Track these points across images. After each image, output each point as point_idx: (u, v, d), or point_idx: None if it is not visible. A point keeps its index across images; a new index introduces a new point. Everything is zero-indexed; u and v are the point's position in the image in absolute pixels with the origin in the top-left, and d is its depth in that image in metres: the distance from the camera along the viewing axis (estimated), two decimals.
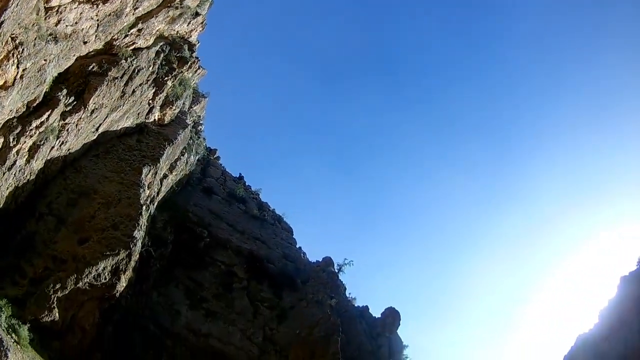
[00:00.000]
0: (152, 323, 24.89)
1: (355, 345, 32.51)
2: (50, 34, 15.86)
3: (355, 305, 37.51)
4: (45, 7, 15.33)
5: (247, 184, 37.97)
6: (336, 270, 38.37)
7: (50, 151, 18.70)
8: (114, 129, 23.67)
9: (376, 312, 38.25)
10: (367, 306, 38.25)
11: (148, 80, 24.63)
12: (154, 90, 25.67)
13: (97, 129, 21.86)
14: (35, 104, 16.79)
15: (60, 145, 19.26)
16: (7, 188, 17.70)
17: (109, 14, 18.83)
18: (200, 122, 33.24)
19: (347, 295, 37.78)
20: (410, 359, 38.18)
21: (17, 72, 14.80)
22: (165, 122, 28.18)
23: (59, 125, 18.55)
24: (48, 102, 17.37)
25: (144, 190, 25.32)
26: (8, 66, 14.33)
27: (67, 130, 19.18)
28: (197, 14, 28.26)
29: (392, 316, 37.54)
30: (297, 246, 38.83)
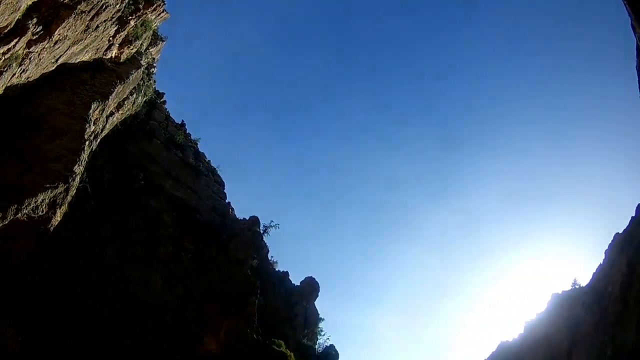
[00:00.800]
0: (82, 259, 25.03)
1: (271, 310, 33.62)
2: None
3: (276, 269, 38.55)
4: None
5: (187, 132, 37.85)
6: (261, 231, 39.15)
7: (10, 78, 18.27)
8: (72, 62, 23.12)
9: (296, 280, 39.58)
10: (287, 272, 39.34)
11: (113, 18, 24.08)
12: (116, 28, 25.13)
13: (57, 60, 21.36)
14: (5, 31, 16.38)
15: (21, 73, 18.82)
16: None
17: None
18: (154, 64, 32.69)
19: (270, 258, 38.73)
20: (324, 333, 39.58)
21: None
22: (121, 61, 27.65)
23: (23, 53, 18.13)
24: (18, 30, 16.92)
25: (90, 125, 25.05)
26: None
27: (30, 59, 18.75)
28: None
29: (311, 286, 38.89)
30: (227, 201, 39.25)
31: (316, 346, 37.17)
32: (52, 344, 21.21)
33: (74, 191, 24.04)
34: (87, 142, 24.61)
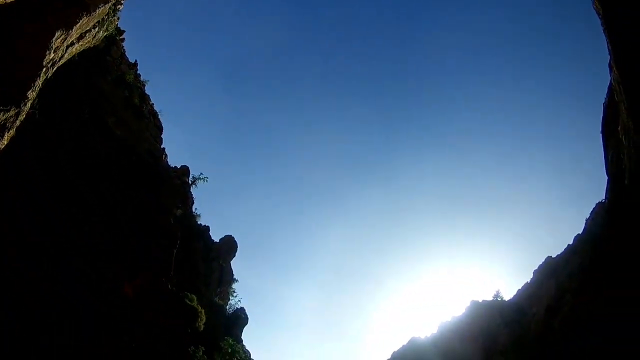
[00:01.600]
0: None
1: (189, 264, 34.60)
2: None
3: (198, 222, 39.33)
4: None
5: (138, 72, 37.68)
6: (190, 182, 39.88)
7: None
8: None
9: (216, 237, 40.24)
10: (208, 227, 39.78)
11: None
12: None
13: None
14: None
15: None
16: None
17: None
18: (122, 1, 32.22)
19: (194, 210, 39.51)
20: (236, 295, 40.67)
21: None
22: None
23: None
24: None
25: (50, 53, 24.98)
26: None
27: None
28: None
29: (229, 245, 39.83)
30: (162, 146, 39.61)
31: (227, 307, 38.20)
32: None
33: (23, 117, 24.07)
34: (44, 69, 24.59)
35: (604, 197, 44.24)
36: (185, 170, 39.49)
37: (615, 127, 37.58)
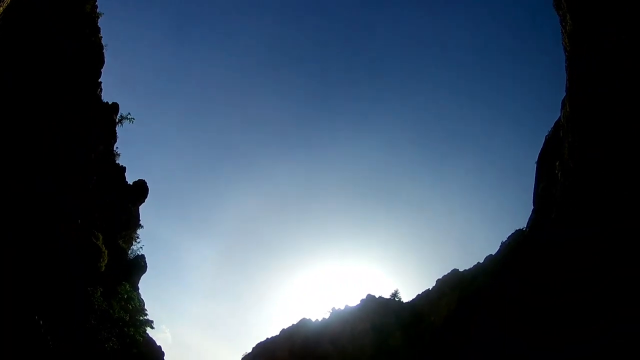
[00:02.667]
0: None
1: (101, 201, 34.10)
2: None
3: (116, 161, 39.64)
4: None
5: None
6: (117, 120, 40.18)
7: None
8: None
9: (129, 179, 40.31)
10: (125, 167, 39.71)
11: None
12: None
13: None
14: None
15: None
16: None
17: None
18: None
19: (115, 148, 40.00)
20: (140, 241, 40.80)
21: None
22: None
23: None
24: None
25: None
26: None
27: None
28: None
29: (141, 189, 39.80)
30: (100, 80, 39.50)
31: (129, 251, 38.72)
32: None
33: None
34: None
35: (525, 226, 47.82)
36: (115, 107, 39.30)
37: (552, 161, 41.04)
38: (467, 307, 41.96)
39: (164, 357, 37.47)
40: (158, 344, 37.18)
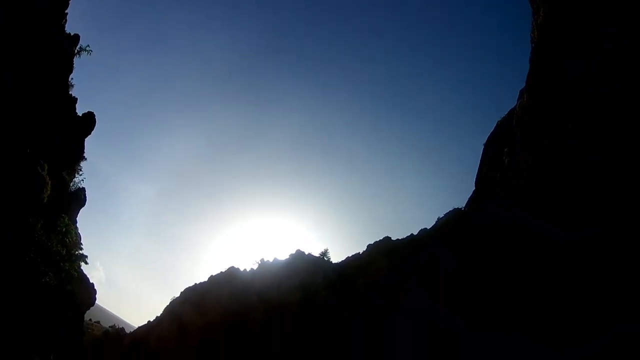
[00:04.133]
0: None
1: (47, 129, 33.17)
2: None
3: (69, 92, 37.44)
4: None
5: None
6: (75, 51, 37.84)
7: None
8: None
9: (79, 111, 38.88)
10: (76, 99, 38.32)
11: None
12: None
13: None
14: None
15: None
16: None
17: None
18: None
19: (69, 79, 37.57)
20: (82, 174, 39.42)
21: None
22: None
23: None
24: None
25: None
26: None
27: None
28: None
29: (89, 121, 38.20)
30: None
31: (71, 184, 37.54)
32: None
33: None
34: None
35: (464, 205, 48.09)
36: (76, 38, 37.60)
37: (501, 146, 41.84)
38: (398, 274, 42.29)
39: (96, 296, 36.09)
40: (91, 282, 35.75)
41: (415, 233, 49.37)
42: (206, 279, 66.64)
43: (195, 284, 68.22)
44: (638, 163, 25.60)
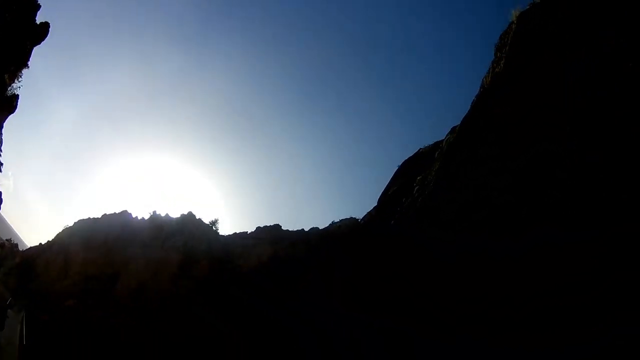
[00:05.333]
0: None
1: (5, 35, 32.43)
2: None
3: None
4: None
5: None
6: None
7: None
8: None
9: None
10: (39, 5, 36.62)
11: None
12: None
13: None
14: None
15: None
16: None
17: None
18: None
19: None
20: (21, 81, 37.64)
21: None
22: None
23: None
24: None
25: None
26: None
27: None
28: None
29: (43, 30, 37.23)
30: None
31: (8, 88, 36.18)
32: None
33: None
34: None
35: (361, 218, 48.38)
36: None
37: (417, 171, 42.08)
38: (298, 265, 42.14)
39: (1, 205, 35.45)
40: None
41: (306, 229, 50.00)
42: (100, 216, 66.91)
43: (89, 218, 68.23)
44: (637, 165, 25.70)
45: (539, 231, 30.67)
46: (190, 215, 59.36)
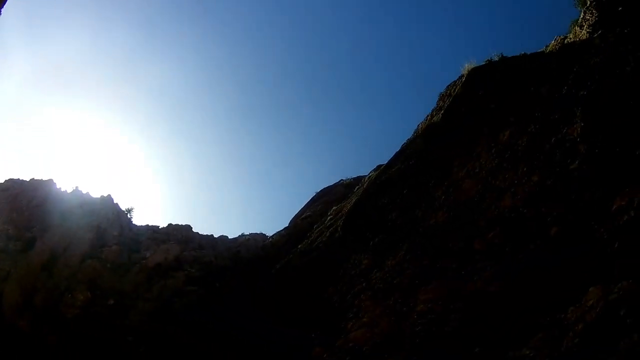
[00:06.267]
0: None
1: None
2: None
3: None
4: None
5: None
6: None
7: None
8: None
9: None
10: None
11: None
12: None
13: None
14: None
15: None
16: None
17: None
18: None
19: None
20: None
21: None
22: None
23: None
24: None
25: None
26: None
27: None
28: None
29: None
30: None
31: None
32: None
33: None
34: None
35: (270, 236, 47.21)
36: None
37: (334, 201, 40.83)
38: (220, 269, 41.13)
39: None
40: None
41: (215, 235, 48.36)
42: (28, 179, 64.68)
43: (18, 179, 66.09)
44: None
45: None
46: (109, 198, 57.71)
